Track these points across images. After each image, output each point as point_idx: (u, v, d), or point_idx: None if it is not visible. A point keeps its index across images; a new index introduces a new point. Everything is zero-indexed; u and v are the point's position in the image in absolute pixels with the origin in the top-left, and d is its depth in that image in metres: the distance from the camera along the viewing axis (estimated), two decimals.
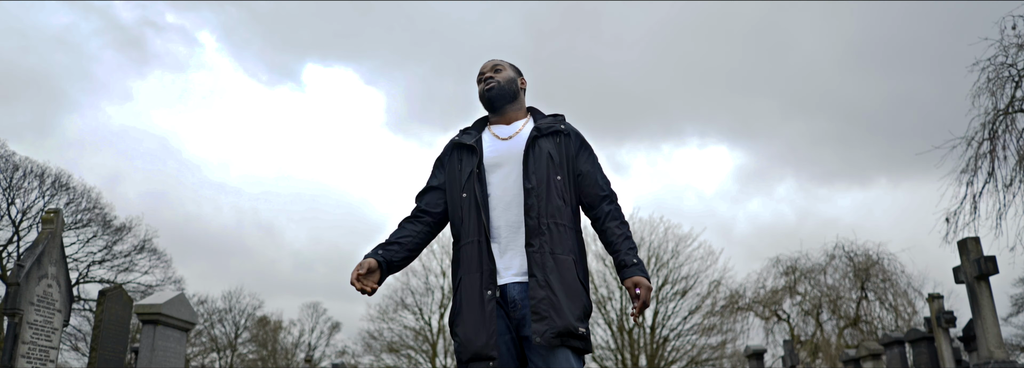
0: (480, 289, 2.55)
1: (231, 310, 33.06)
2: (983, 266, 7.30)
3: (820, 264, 26.61)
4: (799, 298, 26.93)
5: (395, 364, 29.70)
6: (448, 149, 2.90)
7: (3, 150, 22.61)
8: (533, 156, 2.71)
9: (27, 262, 6.13)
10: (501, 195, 2.70)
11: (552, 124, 2.82)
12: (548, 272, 2.53)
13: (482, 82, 2.90)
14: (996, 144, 13.10)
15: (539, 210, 2.62)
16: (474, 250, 2.62)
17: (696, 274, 28.16)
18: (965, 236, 13.18)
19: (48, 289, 6.38)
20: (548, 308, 2.46)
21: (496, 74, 2.88)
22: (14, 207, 23.40)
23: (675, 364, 28.02)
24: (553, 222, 2.62)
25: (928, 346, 12.75)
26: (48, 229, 6.54)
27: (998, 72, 12.90)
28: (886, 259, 25.73)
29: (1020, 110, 13.02)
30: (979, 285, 7.35)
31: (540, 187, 2.65)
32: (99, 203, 24.78)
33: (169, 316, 7.88)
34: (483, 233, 2.63)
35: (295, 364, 34.85)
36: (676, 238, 28.39)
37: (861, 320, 26.05)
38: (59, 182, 23.87)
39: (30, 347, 6.14)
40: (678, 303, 27.95)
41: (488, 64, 2.92)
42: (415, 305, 29.10)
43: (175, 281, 26.87)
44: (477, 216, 2.66)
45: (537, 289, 2.49)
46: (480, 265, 2.59)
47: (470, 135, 2.87)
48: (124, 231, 25.38)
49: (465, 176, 2.75)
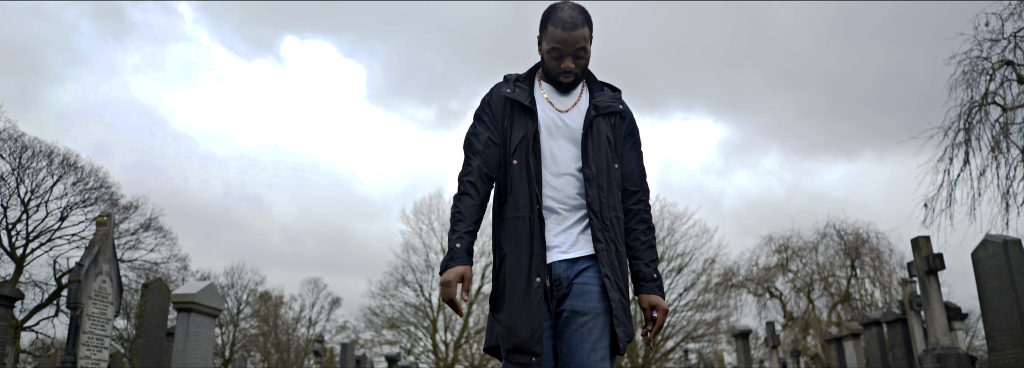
0: (528, 274, 2.37)
1: (233, 286, 34.12)
2: (932, 262, 8.31)
3: (811, 242, 27.74)
4: (791, 275, 28.08)
5: (395, 339, 30.87)
6: (498, 100, 2.59)
7: (14, 130, 23.43)
8: (593, 140, 2.51)
9: (86, 261, 7.14)
10: (554, 168, 2.49)
11: (611, 104, 2.58)
12: (618, 273, 2.42)
13: (558, 60, 2.52)
14: (971, 134, 14.08)
15: (601, 202, 2.45)
16: (525, 227, 2.42)
17: (691, 251, 29.19)
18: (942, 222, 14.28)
19: (103, 284, 7.40)
20: (622, 313, 2.39)
21: (577, 63, 2.52)
22: (23, 186, 24.27)
23: (670, 339, 29.20)
24: (615, 215, 2.48)
25: (902, 327, 13.80)
26: (102, 231, 7.55)
27: (973, 65, 13.82)
28: (875, 237, 26.85)
29: (994, 102, 13.96)
30: (929, 279, 8.38)
31: (601, 176, 2.48)
32: (106, 182, 25.70)
33: (201, 304, 8.92)
34: (535, 209, 2.42)
35: (296, 339, 36.06)
36: (672, 216, 29.42)
37: (851, 297, 27.22)
38: (67, 162, 24.74)
39: (89, 336, 7.17)
40: (674, 280, 29.05)
41: (572, 42, 2.48)
42: (416, 282, 30.16)
43: (180, 258, 27.93)
44: (529, 189, 2.45)
45: (613, 291, 2.37)
46: (531, 245, 2.40)
47: (524, 91, 2.57)
48: (131, 209, 26.32)
49: (516, 139, 2.50)
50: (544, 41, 2.53)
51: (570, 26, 2.45)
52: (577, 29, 2.46)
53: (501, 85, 2.63)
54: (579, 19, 2.47)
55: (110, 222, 7.62)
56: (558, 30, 2.46)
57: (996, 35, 13.62)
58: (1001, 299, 7.11)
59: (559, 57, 2.50)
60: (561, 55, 2.50)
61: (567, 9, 2.50)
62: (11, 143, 23.60)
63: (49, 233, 25.08)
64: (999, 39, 13.63)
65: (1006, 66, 13.79)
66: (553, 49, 2.50)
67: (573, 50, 2.48)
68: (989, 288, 7.25)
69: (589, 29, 2.52)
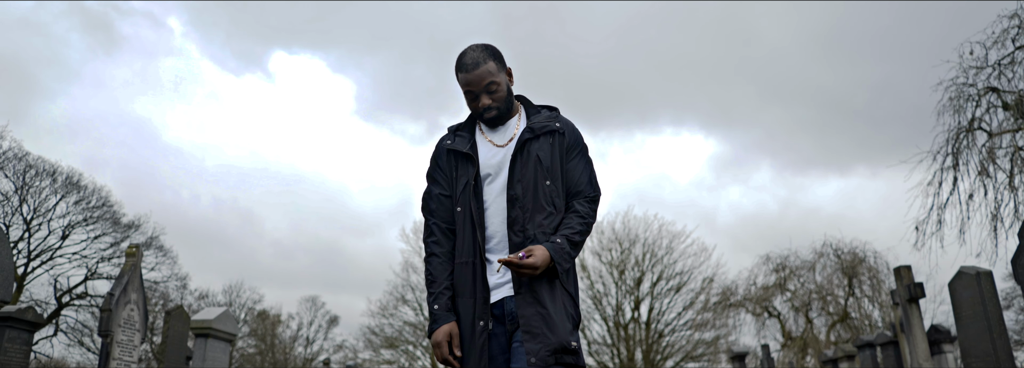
0: (474, 319, 2.50)
1: (231, 304, 34.54)
2: (913, 291, 8.92)
3: (809, 261, 28.28)
4: (789, 295, 28.58)
5: (394, 359, 31.26)
6: (441, 152, 2.75)
7: (19, 150, 23.97)
8: (520, 161, 2.60)
9: (116, 291, 7.73)
10: (495, 208, 2.60)
11: (546, 123, 2.69)
12: (537, 287, 2.46)
13: (474, 101, 2.66)
14: (959, 159, 14.73)
15: (523, 222, 2.53)
16: (469, 272, 2.54)
17: (690, 270, 29.67)
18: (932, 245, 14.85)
19: (131, 313, 7.98)
20: (540, 324, 2.41)
21: (492, 97, 2.65)
22: (26, 205, 24.75)
23: (670, 359, 29.61)
24: (540, 232, 2.53)
25: (895, 349, 14.33)
26: (130, 262, 8.14)
27: (959, 91, 14.49)
28: (872, 257, 27.40)
29: (980, 128, 14.61)
30: (910, 307, 8.98)
31: (526, 196, 2.55)
32: (109, 201, 26.23)
33: (218, 329, 9.50)
34: (478, 254, 2.54)
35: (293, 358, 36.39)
36: (670, 235, 29.97)
37: (850, 316, 27.72)
38: (70, 181, 25.28)
39: (118, 363, 7.74)
40: (673, 298, 29.49)
41: (478, 80, 2.62)
42: (415, 301, 30.60)
43: (181, 278, 28.40)
44: (472, 234, 2.57)
45: (525, 306, 2.44)
46: (474, 290, 2.52)
47: (463, 139, 2.72)
48: (132, 228, 26.83)
49: (460, 187, 2.64)
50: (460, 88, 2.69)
51: (472, 67, 2.61)
52: (479, 67, 2.61)
53: (443, 138, 2.78)
54: (480, 57, 2.63)
55: (139, 253, 8.22)
56: (463, 74, 2.63)
57: (981, 63, 14.30)
58: (975, 326, 7.71)
59: (475, 98, 2.65)
60: (475, 95, 2.65)
61: (468, 52, 2.66)
62: (15, 162, 24.17)
63: (50, 252, 25.60)
64: (984, 67, 14.31)
65: (991, 92, 14.44)
66: (467, 92, 2.66)
67: (483, 87, 2.62)
68: (964, 316, 7.85)
69: (495, 63, 2.65)
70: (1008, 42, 14.11)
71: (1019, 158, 14.17)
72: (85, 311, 26.32)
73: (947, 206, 14.94)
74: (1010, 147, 14.44)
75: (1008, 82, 14.23)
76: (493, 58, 2.65)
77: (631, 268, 29.25)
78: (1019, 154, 14.21)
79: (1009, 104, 14.39)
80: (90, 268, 26.11)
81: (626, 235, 29.62)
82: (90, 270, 26.10)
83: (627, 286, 29.20)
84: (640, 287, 29.12)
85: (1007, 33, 13.97)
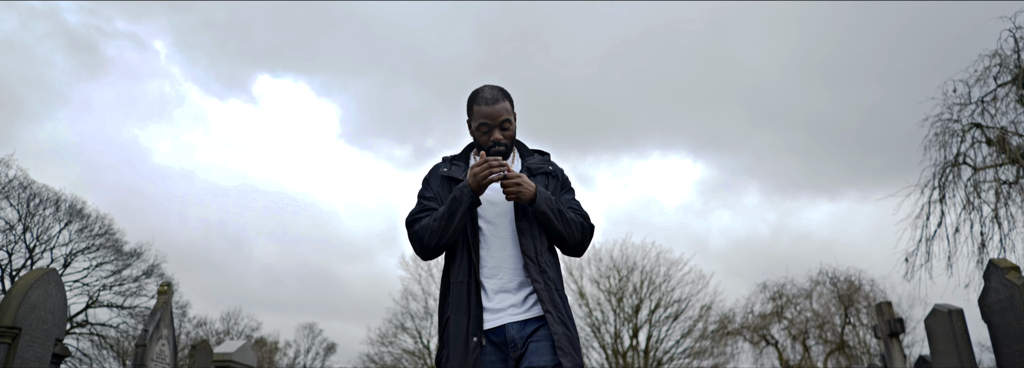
0: (466, 335, 2.63)
1: (229, 332, 34.99)
2: (893, 326, 9.68)
3: (805, 290, 28.99)
4: (786, 323, 29.24)
5: None
6: (435, 176, 2.96)
7: (24, 178, 24.63)
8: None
9: (149, 327, 8.45)
10: (496, 233, 2.80)
11: (541, 165, 2.96)
12: (560, 309, 2.67)
13: (487, 134, 2.88)
14: (945, 192, 15.48)
15: (536, 249, 2.74)
16: (464, 291, 2.70)
17: (687, 297, 30.12)
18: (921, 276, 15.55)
19: (162, 347, 8.70)
20: (567, 344, 2.60)
21: (504, 134, 2.89)
22: (29, 233, 25.34)
23: None
24: (548, 259, 2.78)
25: None
26: (162, 299, 8.87)
27: (944, 127, 15.26)
28: (868, 285, 28.11)
29: (965, 162, 15.39)
30: (891, 341, 9.74)
31: (533, 226, 2.78)
32: (111, 229, 26.86)
33: (238, 362, 10.20)
34: (473, 274, 2.71)
35: None
36: (668, 262, 30.57)
37: (847, 345, 28.35)
38: (73, 208, 25.91)
39: None
40: (671, 326, 29.94)
41: (496, 115, 2.85)
42: (414, 329, 31.04)
43: (181, 306, 28.95)
44: (468, 256, 2.75)
45: (556, 325, 2.62)
46: (468, 308, 2.67)
47: (459, 168, 2.94)
48: (133, 256, 27.43)
49: None
50: (473, 120, 2.90)
51: (492, 101, 2.84)
52: (499, 103, 2.84)
53: (439, 165, 3.00)
54: (499, 95, 2.86)
55: (170, 290, 8.93)
56: (483, 107, 2.84)
57: (964, 100, 15.12)
58: (949, 360, 8.44)
59: (488, 131, 2.86)
60: (489, 128, 2.86)
61: (487, 89, 2.89)
62: (20, 191, 24.81)
63: None
64: (967, 103, 15.13)
65: (975, 128, 15.24)
66: (482, 124, 2.86)
67: (498, 122, 2.85)
68: (939, 351, 8.58)
69: (510, 103, 2.90)
70: (990, 80, 14.92)
71: (1003, 192, 14.95)
72: (85, 339, 26.83)
73: (934, 238, 15.62)
74: (994, 181, 15.18)
75: (991, 118, 15.01)
76: (507, 99, 2.89)
77: (629, 295, 29.78)
78: (1003, 188, 14.99)
79: (992, 140, 15.16)
80: (91, 296, 26.60)
81: (624, 263, 30.19)
82: (91, 298, 26.59)
83: (625, 314, 29.70)
84: (638, 315, 29.60)
85: (989, 71, 14.78)
